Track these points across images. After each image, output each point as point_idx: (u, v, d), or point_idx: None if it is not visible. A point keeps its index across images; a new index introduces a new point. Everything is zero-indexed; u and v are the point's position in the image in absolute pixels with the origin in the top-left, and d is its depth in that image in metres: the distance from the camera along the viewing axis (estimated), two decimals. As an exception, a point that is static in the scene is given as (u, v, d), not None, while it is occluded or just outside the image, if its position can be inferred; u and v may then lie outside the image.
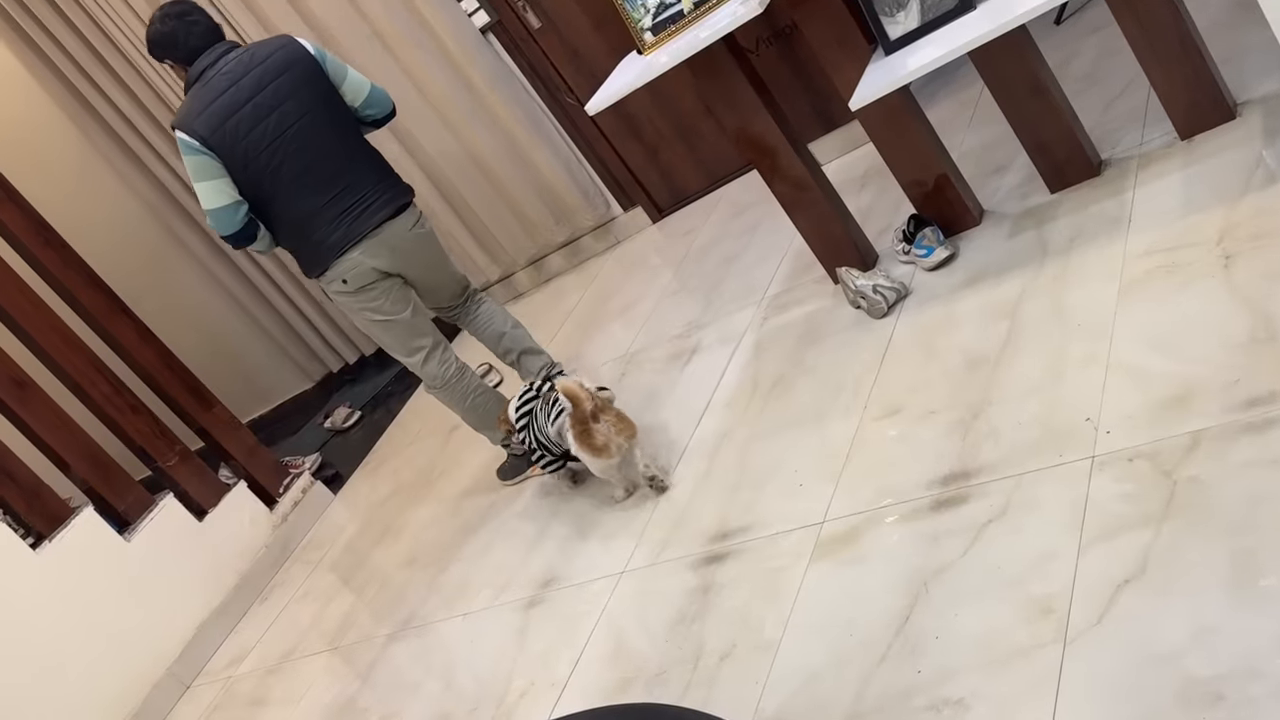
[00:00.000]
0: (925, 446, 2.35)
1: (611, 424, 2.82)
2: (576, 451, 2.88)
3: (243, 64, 2.99)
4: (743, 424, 2.88)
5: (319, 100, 3.00)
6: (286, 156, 2.96)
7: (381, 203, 3.07)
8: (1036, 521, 2.02)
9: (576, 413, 2.82)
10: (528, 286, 4.92)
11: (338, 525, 4.15)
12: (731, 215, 4.13)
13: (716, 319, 3.47)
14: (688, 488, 2.80)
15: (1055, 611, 1.84)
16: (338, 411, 5.08)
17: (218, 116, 2.94)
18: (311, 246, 3.05)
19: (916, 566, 2.09)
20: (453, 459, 3.92)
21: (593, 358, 3.87)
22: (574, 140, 4.48)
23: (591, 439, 2.81)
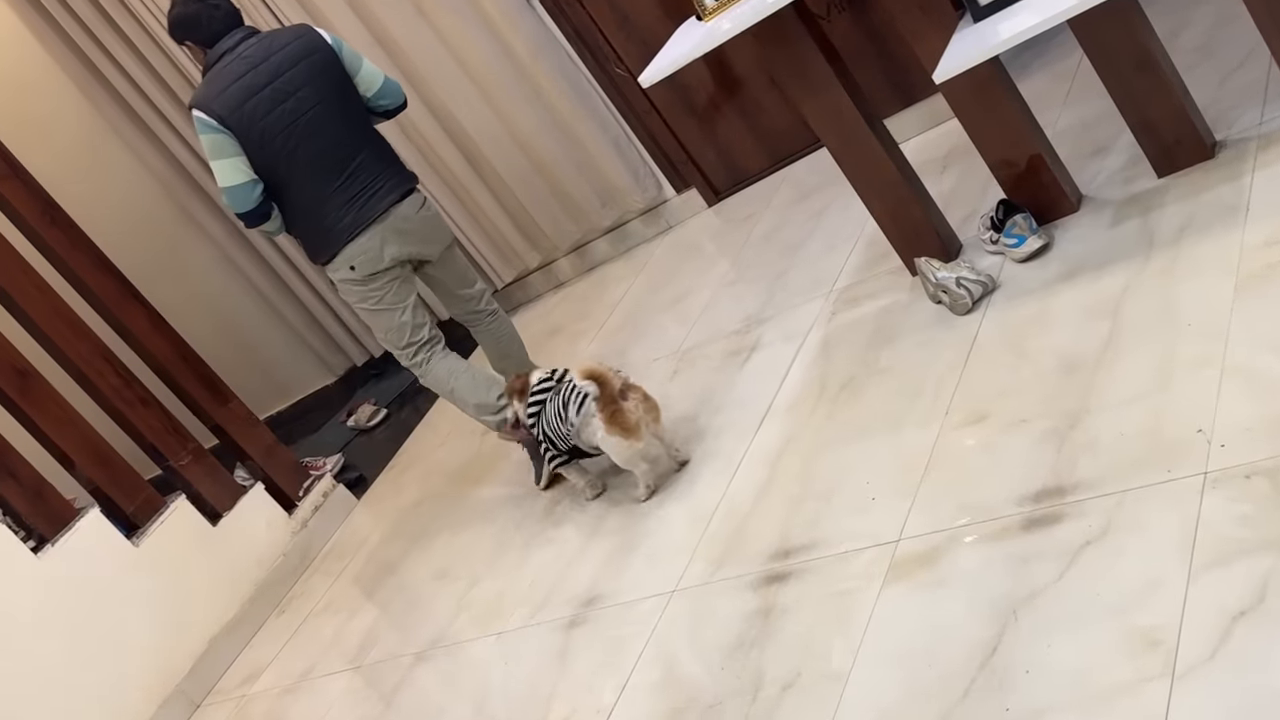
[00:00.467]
0: (1015, 459, 2.33)
1: (639, 402, 2.93)
2: (604, 438, 2.93)
3: (262, 49, 3.28)
4: (808, 430, 2.86)
5: (334, 88, 3.30)
6: (301, 141, 3.26)
7: (388, 188, 3.36)
8: (1141, 544, 1.99)
9: (605, 393, 2.89)
10: (570, 275, 4.93)
11: (361, 532, 4.18)
12: (796, 199, 4.11)
13: (779, 313, 3.46)
14: (747, 499, 2.79)
15: (1162, 644, 1.81)
16: (362, 409, 5.12)
17: (236, 98, 3.22)
18: (321, 232, 3.34)
19: (1004, 592, 2.07)
20: (487, 462, 3.93)
21: (641, 354, 3.87)
22: (623, 115, 4.48)
23: (624, 418, 2.89)
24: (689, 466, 3.08)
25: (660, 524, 2.97)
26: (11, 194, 3.96)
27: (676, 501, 3.00)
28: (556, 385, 3.15)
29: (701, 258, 4.26)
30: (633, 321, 4.15)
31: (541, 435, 3.16)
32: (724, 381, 3.34)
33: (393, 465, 4.53)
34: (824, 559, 2.43)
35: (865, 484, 2.55)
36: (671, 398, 3.44)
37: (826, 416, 2.86)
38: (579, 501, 3.31)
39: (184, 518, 3.96)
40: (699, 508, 2.89)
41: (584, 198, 4.63)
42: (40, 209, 4.01)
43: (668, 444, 3.09)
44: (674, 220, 4.66)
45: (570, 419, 3.04)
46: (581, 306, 4.62)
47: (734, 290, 3.82)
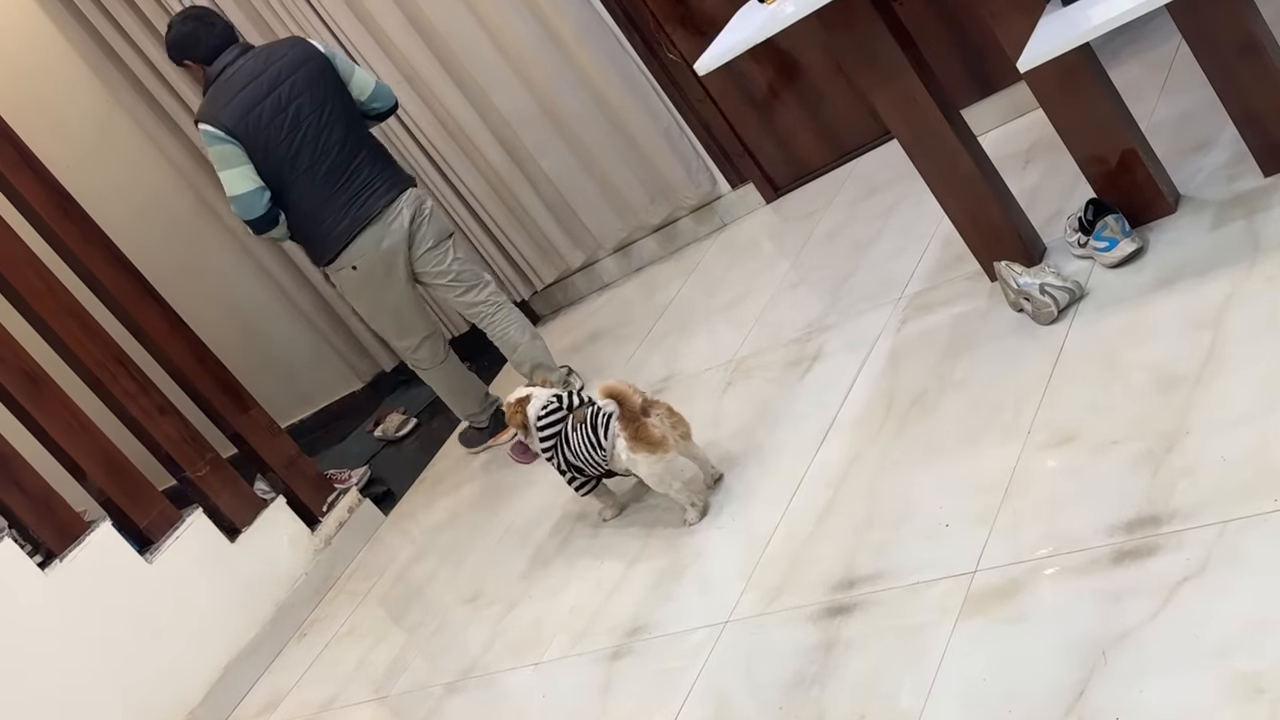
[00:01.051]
0: (1104, 484, 2.30)
1: (663, 417, 2.96)
2: (630, 457, 2.97)
3: (260, 62, 3.72)
4: (875, 448, 2.85)
5: (331, 95, 3.75)
6: (303, 146, 3.70)
7: (386, 188, 3.82)
8: (1245, 580, 1.96)
9: (625, 410, 2.93)
10: (615, 276, 4.93)
11: (389, 551, 4.20)
12: (863, 195, 4.09)
13: (843, 320, 3.45)
14: (807, 523, 2.78)
15: (1267, 692, 1.79)
16: (390, 418, 5.15)
17: (240, 108, 3.66)
18: (323, 234, 3.79)
19: (1092, 630, 2.05)
20: (524, 477, 3.94)
21: (692, 363, 3.86)
22: (675, 104, 4.48)
23: (647, 433, 2.92)
24: (742, 487, 3.07)
25: (711, 548, 2.96)
26: (22, 185, 4.01)
27: (729, 524, 2.99)
28: (568, 412, 3.16)
29: (758, 259, 4.25)
30: (682, 327, 4.14)
31: (565, 466, 3.18)
32: (783, 394, 3.33)
33: (423, 479, 4.55)
34: (892, 590, 2.41)
35: (938, 509, 2.53)
36: (725, 411, 3.43)
37: (895, 434, 2.84)
38: (623, 522, 3.31)
39: (200, 533, 4.00)
40: (754, 532, 2.88)
41: (631, 193, 4.63)
42: (52, 200, 4.06)
43: (702, 460, 3.10)
44: (728, 218, 4.65)
45: (602, 444, 3.06)
46: (627, 310, 4.62)
47: (794, 294, 3.81)
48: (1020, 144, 3.67)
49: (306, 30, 4.55)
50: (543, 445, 3.21)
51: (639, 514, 3.29)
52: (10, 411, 3.90)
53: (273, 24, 4.62)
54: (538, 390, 3.27)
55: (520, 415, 3.24)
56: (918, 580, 2.39)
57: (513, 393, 3.32)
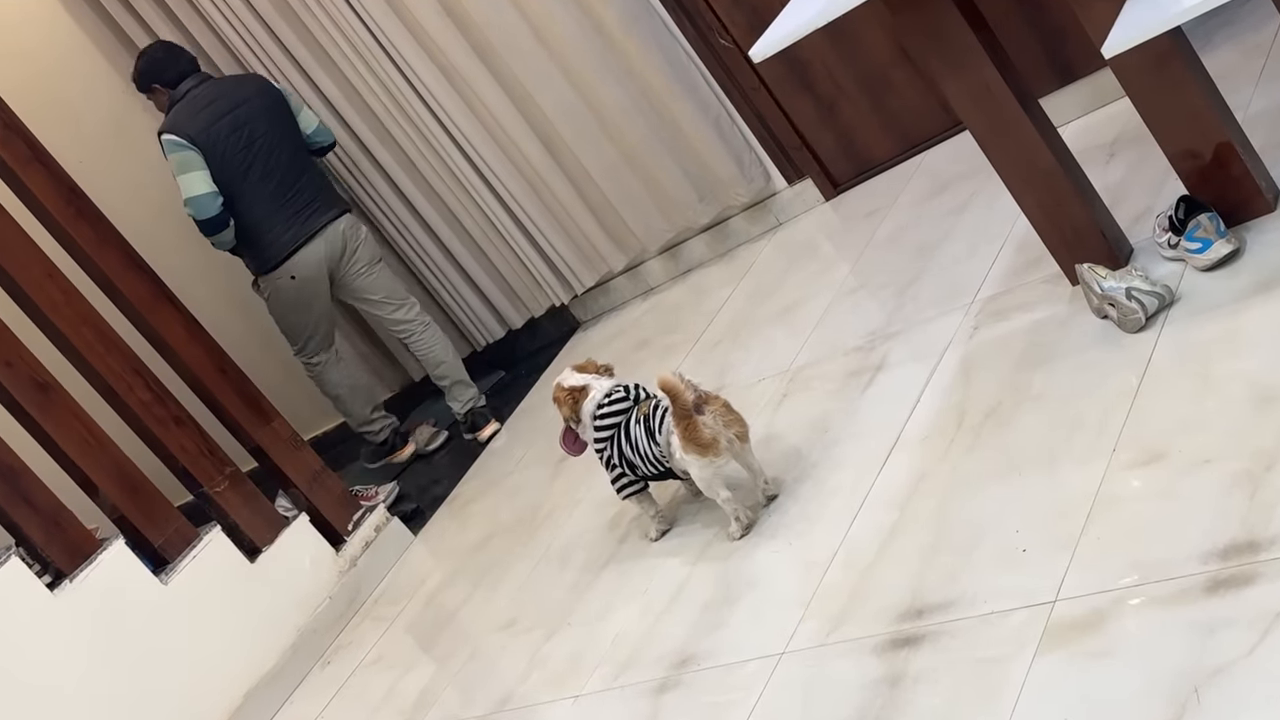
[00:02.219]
0: (1197, 507, 2.28)
1: (718, 415, 2.98)
2: (681, 458, 2.99)
3: (224, 87, 4.57)
4: (944, 467, 2.83)
5: (282, 122, 4.56)
6: (255, 160, 4.48)
7: (325, 207, 4.62)
8: (1355, 614, 1.92)
9: (677, 406, 2.95)
10: (661, 279, 4.93)
11: (418, 574, 4.21)
12: (931, 192, 4.07)
13: (909, 327, 3.43)
14: (870, 547, 2.76)
15: (1379, 737, 1.75)
16: (420, 430, 5.17)
17: (202, 121, 4.45)
18: (268, 242, 4.55)
19: (1184, 666, 2.02)
20: (564, 495, 3.94)
21: (744, 373, 3.85)
22: (727, 93, 4.48)
23: (697, 433, 2.94)
24: (798, 508, 3.06)
25: (767, 573, 2.95)
26: (34, 183, 4.06)
27: (785, 547, 2.98)
28: (634, 404, 3.20)
29: (817, 261, 4.23)
30: (734, 335, 4.13)
31: (617, 460, 3.21)
32: (843, 407, 3.31)
33: (455, 496, 4.56)
34: (964, 621, 2.40)
35: (1014, 533, 2.51)
36: (780, 426, 3.42)
37: (967, 451, 2.82)
38: (670, 545, 3.30)
39: (219, 552, 4.02)
40: (813, 555, 2.87)
41: (679, 190, 4.63)
42: (64, 198, 4.10)
43: (756, 470, 3.10)
44: (784, 216, 4.64)
45: (658, 438, 3.08)
46: (674, 316, 4.61)
47: (855, 299, 3.79)
48: (1104, 136, 3.64)
49: (340, 24, 4.64)
50: (598, 435, 3.23)
51: (687, 536, 3.28)
52: (19, 422, 3.94)
53: (305, 19, 4.69)
54: (596, 381, 3.28)
55: (571, 405, 3.26)
56: (992, 610, 2.37)
57: (564, 376, 3.33)
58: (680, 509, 3.41)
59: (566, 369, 3.37)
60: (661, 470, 3.17)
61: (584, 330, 5.15)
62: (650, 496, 3.34)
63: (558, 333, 5.26)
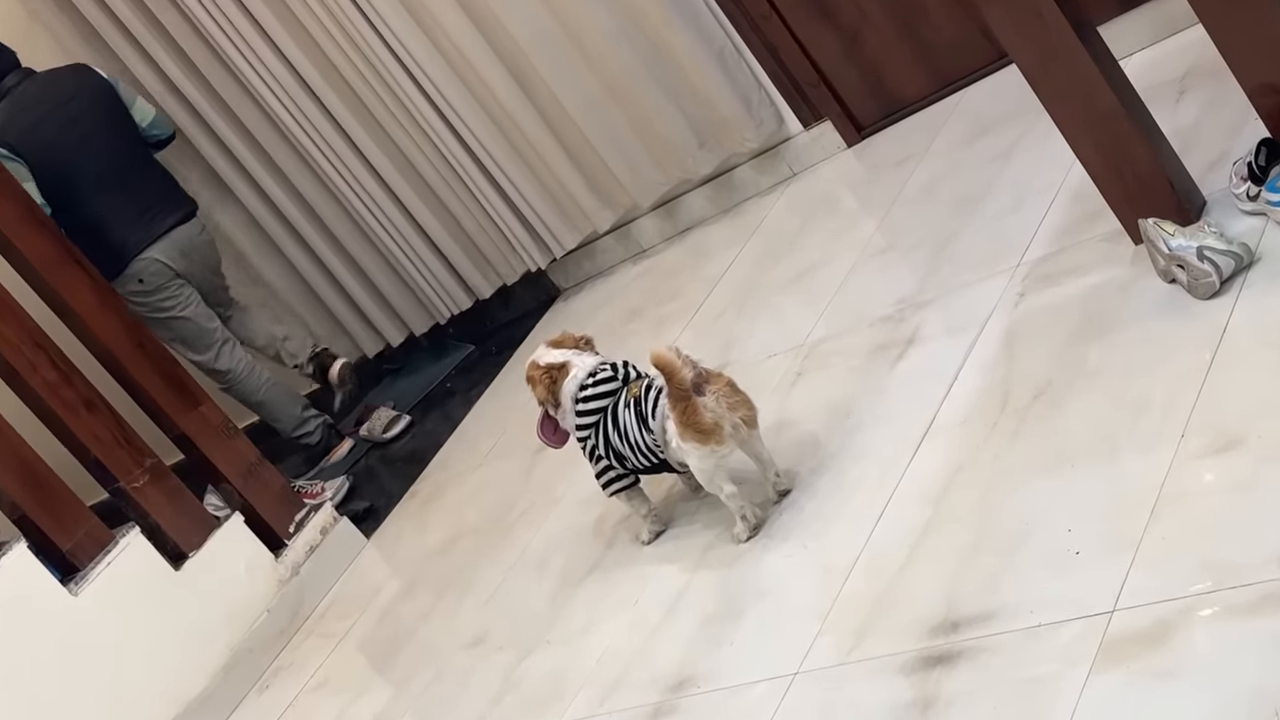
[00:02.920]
0: (1277, 502, 2.27)
1: (721, 396, 2.95)
2: (678, 446, 2.98)
3: (48, 83, 4.85)
4: (985, 456, 2.83)
5: (114, 117, 4.86)
6: (89, 158, 4.76)
7: (171, 208, 4.92)
8: None
9: (673, 386, 2.93)
10: (655, 240, 4.93)
11: (372, 583, 4.21)
12: (971, 135, 4.08)
13: (945, 294, 3.44)
14: (899, 549, 2.77)
15: None
16: (376, 415, 5.18)
17: (27, 121, 4.72)
18: (110, 247, 4.74)
19: (1261, 685, 2.02)
20: (541, 492, 3.95)
21: (752, 349, 3.85)
22: (733, 21, 4.48)
23: (697, 417, 2.93)
24: (814, 504, 3.06)
25: (778, 581, 2.95)
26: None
27: (800, 551, 2.99)
28: (623, 384, 3.19)
29: (837, 217, 4.23)
30: (740, 304, 4.14)
31: (603, 451, 3.20)
32: (867, 388, 3.32)
33: (415, 492, 4.56)
34: (1007, 635, 2.40)
35: (1066, 532, 2.51)
36: (794, 409, 3.42)
37: (1011, 437, 2.83)
38: (666, 548, 3.30)
39: (138, 558, 4.01)
40: (830, 560, 2.87)
41: (675, 134, 4.63)
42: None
43: (766, 461, 3.11)
44: (799, 165, 4.64)
45: (651, 424, 3.08)
46: (670, 283, 4.61)
47: (882, 262, 3.79)
48: (1173, 70, 3.64)
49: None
50: (581, 422, 3.21)
51: (685, 538, 3.29)
52: (-97, 407, 3.93)
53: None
54: (578, 358, 3.26)
55: (549, 385, 3.25)
56: (1039, 622, 2.37)
57: (539, 353, 3.32)
58: (677, 507, 3.41)
59: (541, 345, 3.37)
60: (655, 462, 3.17)
61: (565, 300, 5.14)
62: (642, 493, 3.34)
63: (534, 303, 5.26)
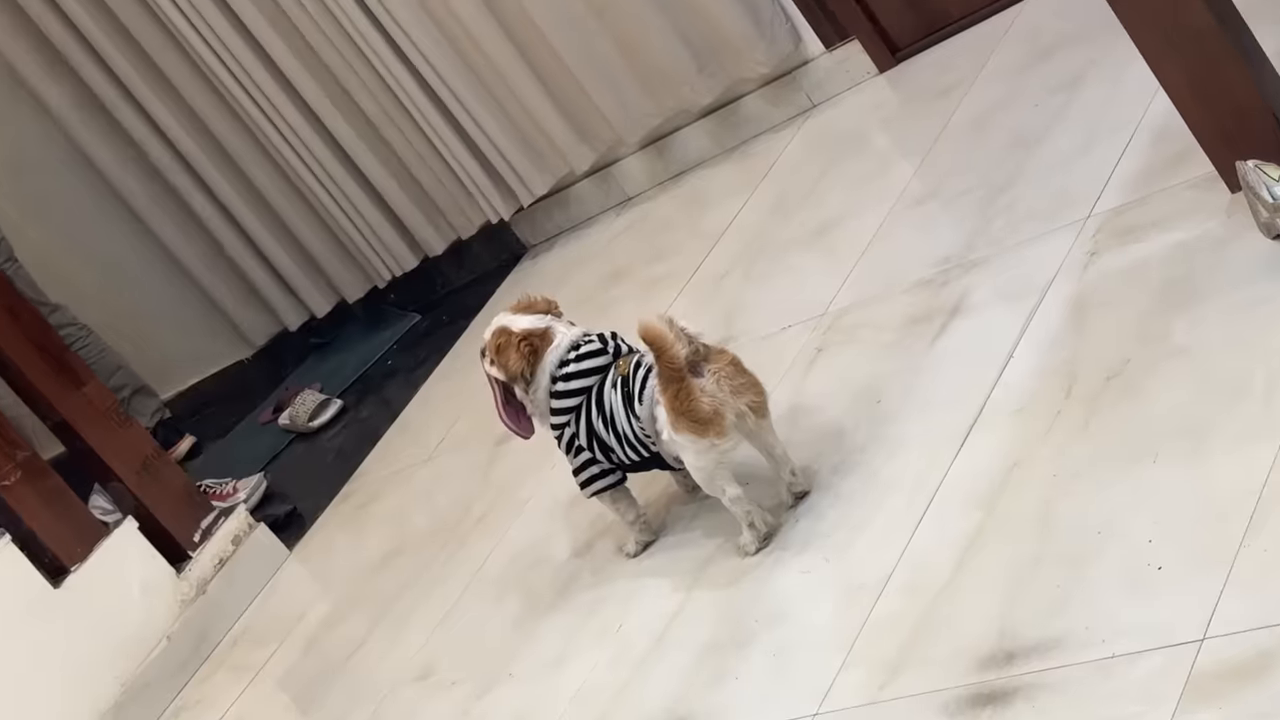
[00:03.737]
0: (1407, 506, 2.28)
1: (722, 378, 2.93)
2: (671, 438, 2.97)
3: None
4: (1046, 451, 2.83)
5: None
6: None
7: None
8: None
9: (664, 365, 2.91)
10: (644, 185, 4.94)
11: (296, 604, 4.21)
12: (1031, 60, 4.07)
13: (999, 254, 3.44)
14: (941, 564, 2.76)
15: None
16: (300, 399, 5.18)
17: None
18: None
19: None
20: (504, 493, 3.95)
21: (761, 320, 3.85)
22: (740, -82, 4.47)
23: (693, 403, 2.91)
24: (838, 509, 3.06)
25: (792, 602, 2.95)
26: None
27: (820, 565, 2.98)
28: (613, 360, 3.19)
29: (866, 158, 4.24)
30: (747, 264, 4.14)
31: (585, 441, 3.20)
32: (903, 367, 3.32)
33: (348, 494, 4.57)
34: (1074, 668, 2.40)
35: (1146, 543, 2.51)
36: (813, 394, 3.42)
37: (1079, 429, 2.82)
38: (655, 561, 3.29)
39: (7, 572, 4.00)
40: (857, 577, 2.87)
41: (669, 56, 4.63)
42: None
43: (779, 457, 3.10)
44: (820, 95, 4.64)
45: (639, 412, 3.06)
46: (663, 237, 4.61)
47: (922, 214, 3.80)
48: (1277, -19, 3.64)
49: None
50: (559, 405, 3.19)
51: (680, 550, 3.28)
52: None
53: None
54: (560, 325, 3.23)
55: (528, 356, 3.19)
56: (1113, 653, 2.37)
57: (505, 319, 3.26)
58: (671, 512, 3.41)
59: (503, 312, 3.34)
60: (645, 457, 3.16)
61: (532, 258, 5.15)
62: (628, 494, 3.33)
63: (494, 261, 5.29)
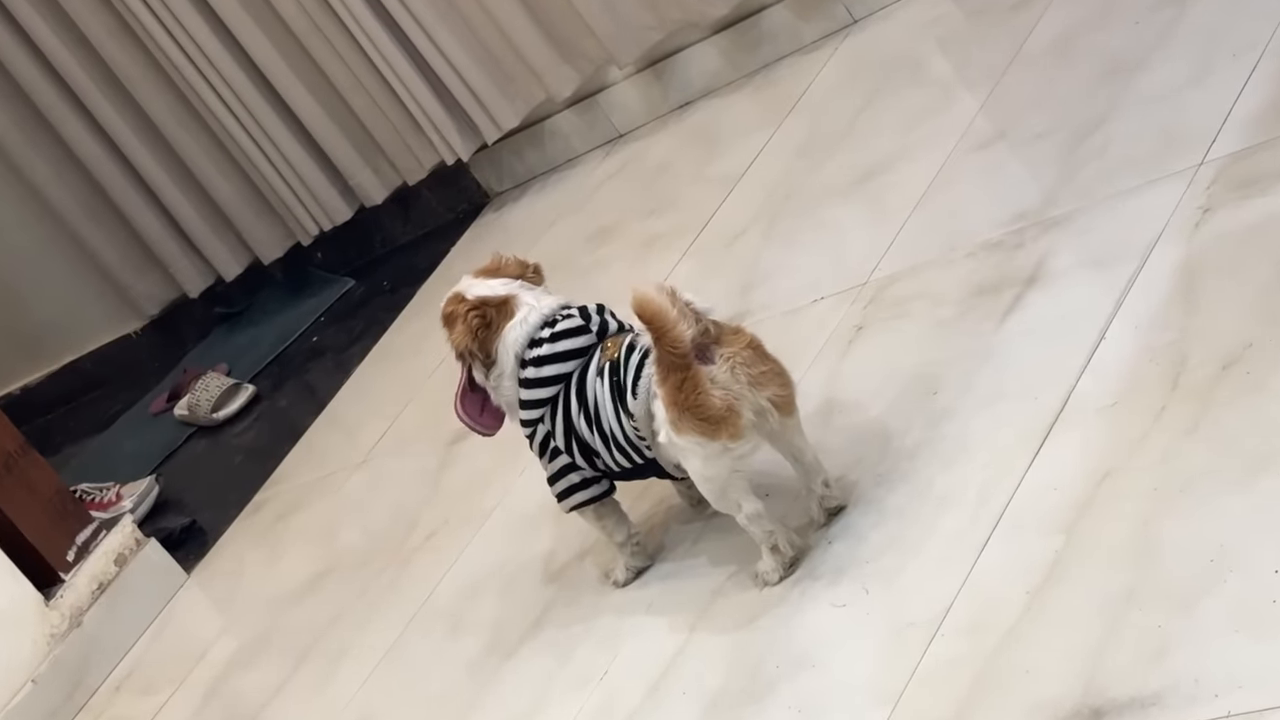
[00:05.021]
0: None
1: (738, 365, 2.94)
2: (671, 440, 2.98)
3: None
4: (1146, 457, 2.84)
5: None
6: None
7: None
8: None
9: (663, 348, 2.92)
10: (640, 118, 4.99)
11: (196, 639, 4.23)
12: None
13: (1087, 208, 3.46)
14: (1011, 599, 2.76)
15: None
16: (202, 384, 5.20)
17: None
18: None
19: None
20: (459, 504, 3.98)
21: (787, 288, 3.88)
22: None
23: (699, 396, 2.92)
24: (882, 530, 3.06)
25: (823, 644, 2.96)
26: None
27: (859, 598, 2.99)
28: (598, 339, 3.21)
29: (921, 88, 4.27)
30: (769, 218, 4.17)
31: (563, 443, 3.22)
32: (964, 351, 3.33)
33: (261, 503, 4.61)
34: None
35: (1271, 574, 2.51)
36: (851, 383, 3.44)
37: (1188, 431, 2.83)
38: (650, 592, 3.31)
39: None
40: (908, 612, 2.88)
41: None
42: None
43: (808, 463, 3.11)
44: (863, 8, 4.68)
45: (632, 407, 3.07)
46: (662, 185, 4.65)
47: (989, 159, 3.83)
48: None
49: None
50: (530, 395, 3.20)
51: (682, 579, 3.30)
52: None
53: None
54: (529, 293, 3.24)
55: (478, 331, 3.21)
56: (1229, 711, 2.37)
57: (463, 285, 3.29)
58: (671, 531, 3.42)
59: (464, 277, 3.35)
60: (638, 463, 3.17)
61: (497, 209, 5.18)
62: (617, 508, 3.33)
63: (450, 214, 5.35)
